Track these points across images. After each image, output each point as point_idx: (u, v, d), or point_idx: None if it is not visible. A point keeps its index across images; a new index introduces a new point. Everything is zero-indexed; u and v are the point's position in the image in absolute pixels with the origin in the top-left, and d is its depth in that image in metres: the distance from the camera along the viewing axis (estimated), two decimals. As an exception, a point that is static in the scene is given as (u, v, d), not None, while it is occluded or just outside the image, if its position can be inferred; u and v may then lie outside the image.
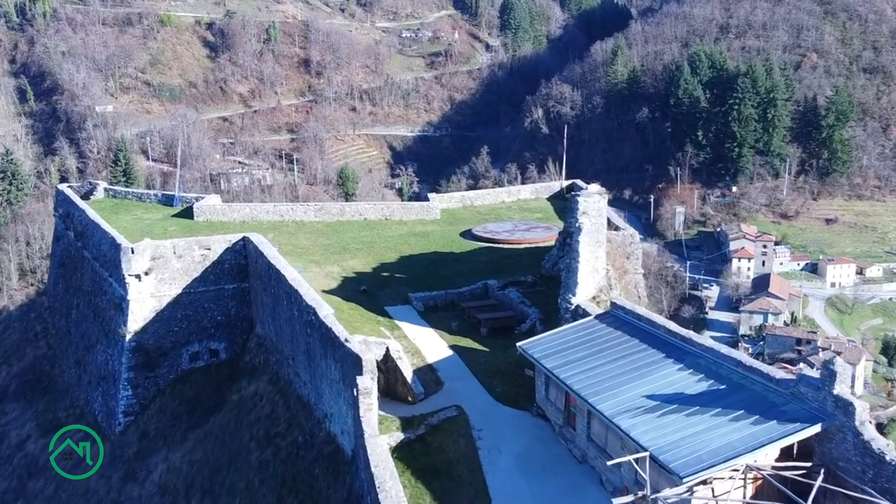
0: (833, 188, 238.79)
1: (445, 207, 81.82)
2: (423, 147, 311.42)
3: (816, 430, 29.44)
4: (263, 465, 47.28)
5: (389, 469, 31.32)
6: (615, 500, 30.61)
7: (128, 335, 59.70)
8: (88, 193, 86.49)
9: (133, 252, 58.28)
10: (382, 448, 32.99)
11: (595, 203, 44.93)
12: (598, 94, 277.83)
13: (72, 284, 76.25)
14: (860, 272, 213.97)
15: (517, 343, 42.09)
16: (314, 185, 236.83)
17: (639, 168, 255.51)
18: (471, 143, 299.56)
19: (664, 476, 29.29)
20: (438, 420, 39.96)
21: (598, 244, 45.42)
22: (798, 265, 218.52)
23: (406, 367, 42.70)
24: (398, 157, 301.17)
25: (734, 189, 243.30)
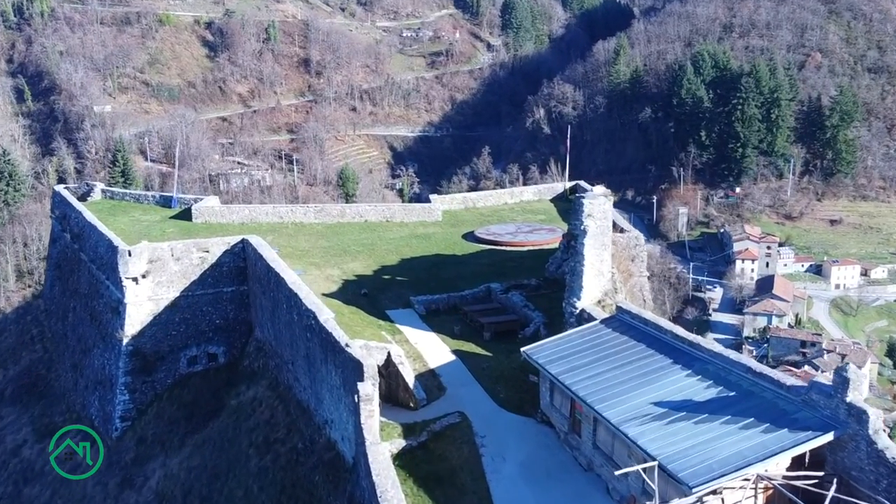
0: (837, 189, 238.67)
1: (447, 209, 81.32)
2: (424, 147, 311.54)
3: (829, 439, 28.82)
4: (262, 472, 46.85)
5: (391, 478, 30.97)
6: None
7: (125, 339, 59.33)
8: (85, 195, 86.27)
9: (130, 255, 57.81)
10: (384, 456, 32.66)
11: (600, 205, 44.50)
12: (601, 94, 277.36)
13: (68, 287, 75.79)
14: (865, 273, 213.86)
15: (521, 348, 41.48)
16: (314, 186, 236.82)
17: (641, 169, 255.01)
18: (472, 144, 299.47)
19: (672, 485, 28.73)
20: (441, 426, 39.53)
21: (604, 247, 44.98)
22: (802, 266, 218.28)
23: (408, 373, 42.25)
24: (399, 158, 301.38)
25: (738, 190, 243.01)
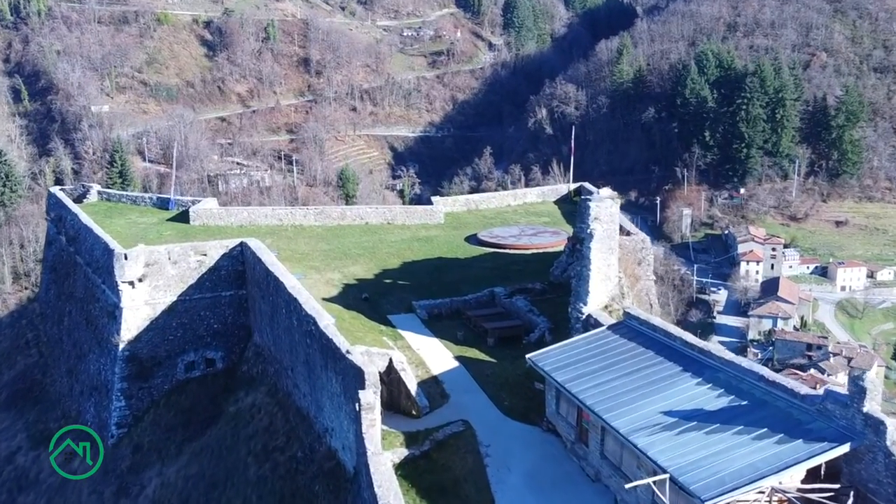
0: (843, 190, 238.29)
1: (449, 211, 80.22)
2: (425, 148, 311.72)
3: (845, 450, 27.95)
4: (261, 481, 45.91)
5: (394, 489, 30.28)
6: None
7: (121, 344, 58.46)
8: (81, 196, 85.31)
9: (126, 258, 57.04)
10: (386, 466, 32.00)
11: (607, 208, 43.82)
12: (604, 94, 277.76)
13: (64, 291, 74.89)
14: (871, 275, 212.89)
15: (526, 354, 40.51)
16: (314, 187, 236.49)
17: (645, 169, 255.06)
18: (473, 144, 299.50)
19: (683, 497, 27.99)
20: (444, 435, 38.44)
21: (611, 251, 44.06)
22: (808, 268, 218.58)
23: (410, 380, 41.31)
24: (399, 158, 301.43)
25: (742, 191, 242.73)
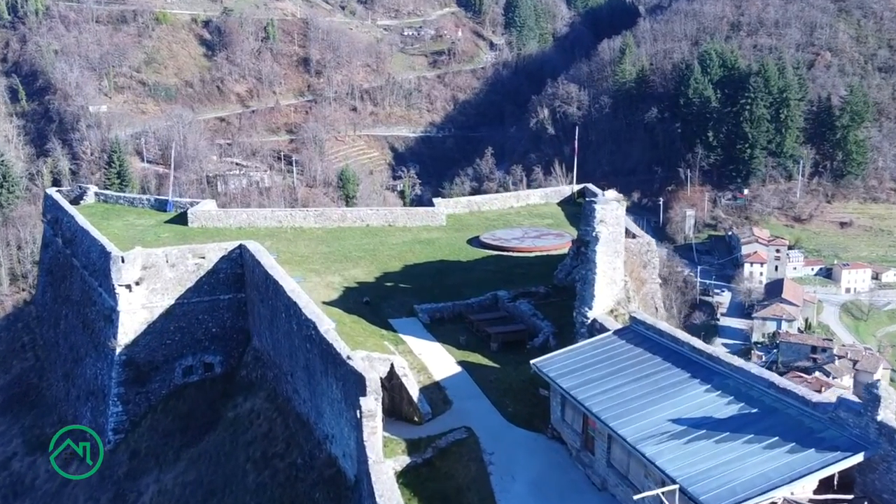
0: (848, 190, 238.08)
1: (451, 213, 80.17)
2: (426, 148, 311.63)
3: (858, 460, 27.49)
4: (260, 489, 45.63)
5: (395, 498, 30.15)
6: None
7: (118, 348, 58.31)
8: (78, 198, 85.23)
9: (123, 261, 56.87)
10: (388, 475, 31.77)
11: (613, 210, 43.29)
12: (606, 94, 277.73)
13: (60, 294, 74.78)
14: (876, 277, 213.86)
15: (531, 360, 40.18)
16: (314, 188, 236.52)
17: (647, 170, 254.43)
18: (474, 145, 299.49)
19: None
20: (447, 443, 38.27)
21: (616, 254, 43.70)
22: (812, 270, 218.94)
23: (412, 385, 41.38)
24: (400, 159, 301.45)
25: (746, 191, 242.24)
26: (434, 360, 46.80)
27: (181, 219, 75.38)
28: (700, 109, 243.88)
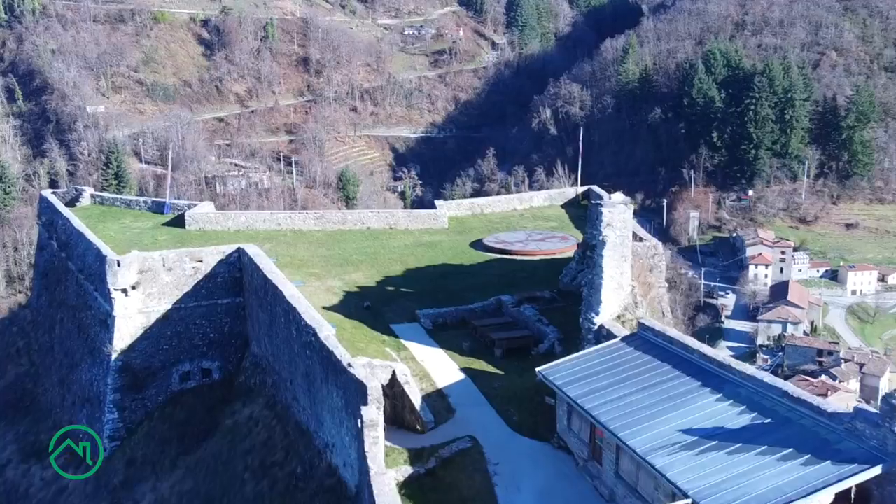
0: (853, 192, 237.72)
1: (453, 215, 79.95)
2: (427, 149, 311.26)
3: (876, 472, 26.84)
4: (259, 498, 45.18)
5: None
6: None
7: (114, 354, 57.74)
8: (74, 200, 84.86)
9: (119, 265, 56.13)
10: (390, 487, 31.27)
11: (620, 214, 42.70)
12: (609, 94, 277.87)
13: (55, 298, 74.13)
14: (882, 279, 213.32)
15: (536, 367, 39.79)
16: (313, 189, 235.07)
17: (651, 171, 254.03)
18: (476, 145, 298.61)
19: None
20: (450, 452, 37.79)
21: (624, 258, 43.20)
22: (817, 272, 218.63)
23: (414, 393, 40.70)
24: (400, 160, 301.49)
25: (750, 193, 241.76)
26: (437, 367, 46.47)
27: (178, 221, 75.15)
28: (704, 110, 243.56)
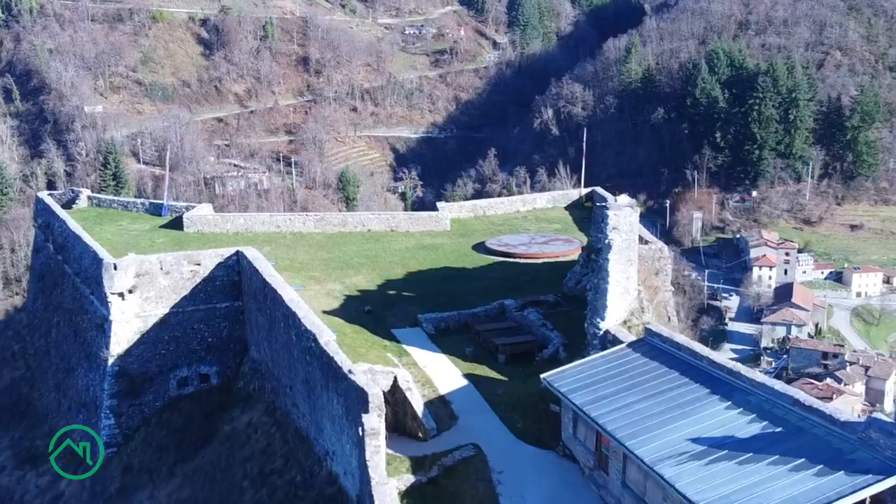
0: (858, 192, 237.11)
1: (456, 217, 79.87)
2: (428, 149, 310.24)
3: (892, 484, 26.38)
4: None
5: None
6: None
7: (110, 359, 57.54)
8: (71, 202, 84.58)
9: (116, 268, 56.04)
10: (392, 497, 31.38)
11: (626, 217, 42.45)
12: (611, 94, 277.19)
13: (52, 301, 73.93)
14: (887, 281, 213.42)
15: (541, 375, 39.29)
16: (313, 190, 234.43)
17: (654, 171, 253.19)
18: (477, 145, 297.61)
19: None
20: (453, 461, 37.50)
21: (630, 262, 42.88)
22: (822, 274, 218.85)
23: (416, 400, 40.54)
24: (401, 160, 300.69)
25: (754, 194, 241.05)
26: (439, 373, 46.19)
27: (176, 223, 74.93)
28: (707, 110, 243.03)
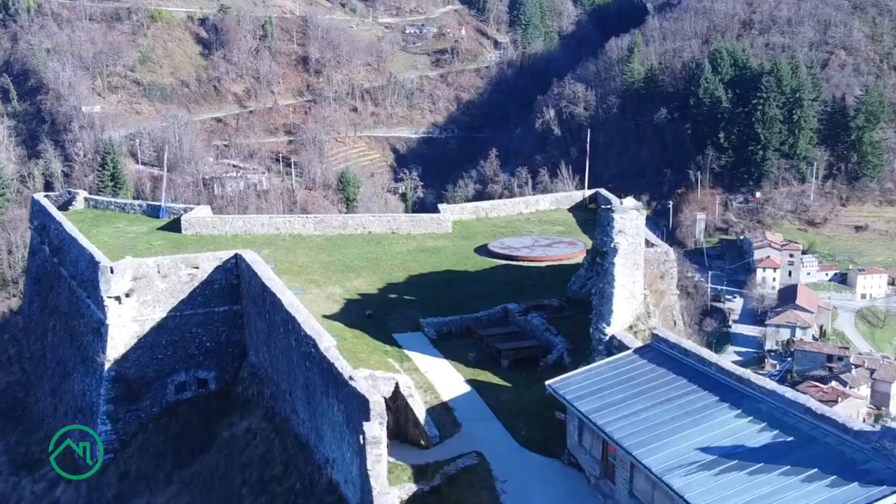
0: (863, 193, 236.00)
1: (457, 219, 79.45)
2: (428, 150, 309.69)
3: None
4: None
5: None
6: None
7: (107, 363, 57.13)
8: (67, 203, 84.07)
9: (112, 272, 55.63)
10: None
11: (632, 220, 42.16)
12: (614, 94, 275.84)
13: (48, 304, 73.75)
14: (892, 283, 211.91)
15: (545, 381, 38.95)
16: (313, 190, 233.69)
17: (657, 172, 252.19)
18: (478, 146, 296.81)
19: None
20: (456, 469, 37.18)
21: (636, 266, 42.55)
22: (826, 275, 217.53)
23: (418, 406, 40.08)
24: (401, 161, 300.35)
25: (758, 194, 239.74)
26: (441, 379, 45.83)
27: (174, 225, 74.59)
28: (711, 110, 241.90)
